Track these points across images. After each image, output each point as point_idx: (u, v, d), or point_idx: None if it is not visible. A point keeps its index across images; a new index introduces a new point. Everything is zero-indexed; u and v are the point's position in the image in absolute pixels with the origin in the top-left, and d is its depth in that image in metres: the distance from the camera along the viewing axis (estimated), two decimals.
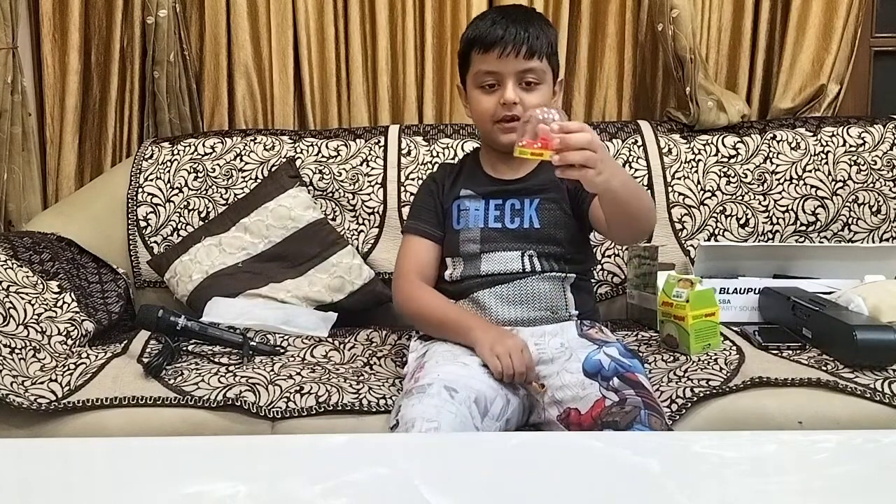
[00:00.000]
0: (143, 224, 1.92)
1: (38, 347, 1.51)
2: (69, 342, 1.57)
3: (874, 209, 1.91)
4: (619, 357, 1.28)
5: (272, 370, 1.45)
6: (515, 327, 1.38)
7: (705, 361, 1.44)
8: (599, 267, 1.83)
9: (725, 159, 1.94)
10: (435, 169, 1.70)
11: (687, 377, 1.39)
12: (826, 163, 1.92)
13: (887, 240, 1.90)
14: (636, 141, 1.96)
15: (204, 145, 1.98)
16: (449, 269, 1.46)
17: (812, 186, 1.91)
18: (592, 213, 1.39)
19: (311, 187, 1.92)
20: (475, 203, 1.45)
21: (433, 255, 1.47)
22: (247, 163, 1.95)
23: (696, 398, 1.32)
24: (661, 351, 1.53)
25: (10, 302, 1.55)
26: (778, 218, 1.90)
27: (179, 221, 1.92)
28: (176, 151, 1.98)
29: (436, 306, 1.41)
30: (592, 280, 1.60)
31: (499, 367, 1.25)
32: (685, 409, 1.31)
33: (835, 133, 1.95)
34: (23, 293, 1.59)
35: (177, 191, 1.93)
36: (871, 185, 1.91)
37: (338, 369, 1.49)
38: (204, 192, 1.93)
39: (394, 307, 1.52)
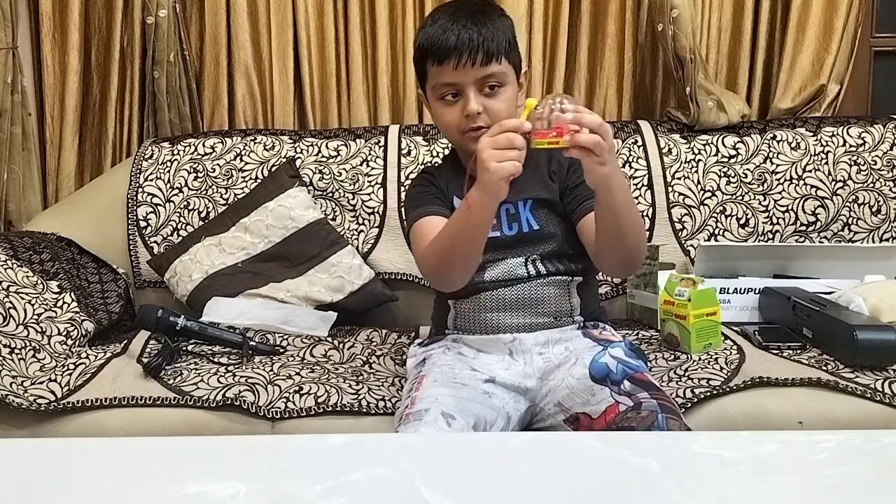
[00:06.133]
0: (143, 224, 1.92)
1: (37, 347, 1.51)
2: (69, 342, 1.57)
3: (874, 209, 1.91)
4: (626, 358, 1.26)
5: (272, 370, 1.45)
6: (517, 334, 1.33)
7: (706, 360, 1.44)
8: None
9: (725, 159, 1.94)
10: (418, 173, 1.51)
11: (688, 376, 1.39)
12: (826, 163, 1.92)
13: (887, 240, 1.90)
14: (636, 141, 1.96)
15: (204, 145, 1.98)
16: None
17: (812, 186, 1.91)
18: (582, 228, 1.32)
19: (311, 187, 1.92)
20: None
21: None
22: (247, 163, 1.95)
23: (696, 399, 1.32)
24: (662, 350, 1.53)
25: (10, 302, 1.55)
26: (778, 218, 1.90)
27: (179, 221, 1.92)
28: (176, 151, 1.98)
29: (439, 234, 1.27)
30: (598, 277, 1.54)
31: (496, 158, 1.11)
32: (685, 409, 1.31)
33: (835, 133, 1.95)
34: (23, 293, 1.59)
35: (177, 191, 1.93)
36: (871, 185, 1.91)
37: (337, 369, 1.49)
38: (204, 192, 1.93)
39: (434, 287, 1.38)
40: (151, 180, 1.95)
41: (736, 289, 1.69)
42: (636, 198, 1.90)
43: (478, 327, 1.35)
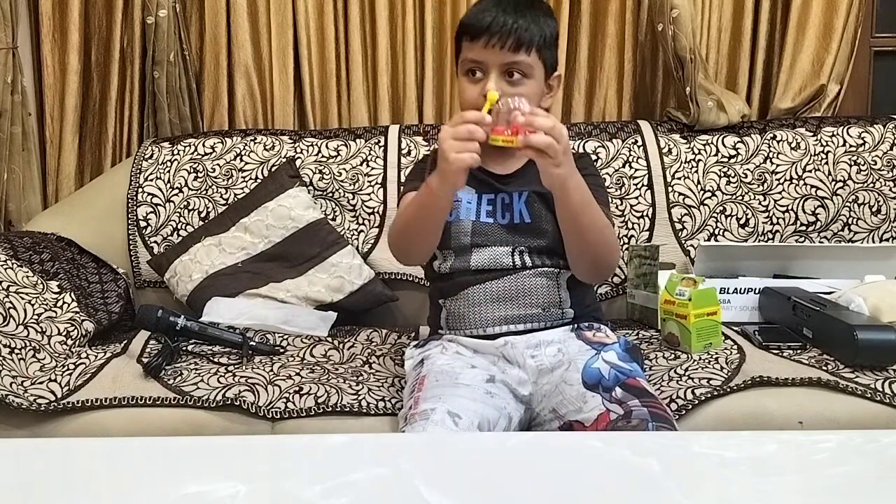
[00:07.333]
0: (143, 224, 1.92)
1: (37, 347, 1.51)
2: (69, 342, 1.57)
3: (874, 209, 1.91)
4: (619, 362, 1.26)
5: (272, 370, 1.45)
6: (509, 338, 1.32)
7: (706, 360, 1.44)
8: None
9: (725, 159, 1.94)
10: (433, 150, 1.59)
11: (688, 376, 1.39)
12: (826, 163, 1.92)
13: (887, 240, 1.90)
14: (636, 141, 1.96)
15: (204, 145, 1.98)
16: (438, 259, 1.39)
17: (812, 186, 1.91)
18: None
19: (311, 187, 1.92)
20: (468, 195, 1.37)
21: None
22: (247, 163, 1.95)
23: (696, 401, 1.32)
24: (662, 349, 1.53)
25: (10, 302, 1.55)
26: (778, 218, 1.90)
27: (179, 221, 1.92)
28: (176, 151, 1.98)
29: (404, 209, 1.34)
30: None
31: (455, 148, 1.15)
32: (685, 411, 1.31)
33: (835, 133, 1.95)
34: (23, 293, 1.59)
35: (177, 191, 1.93)
36: (871, 185, 1.91)
37: (337, 369, 1.49)
38: (204, 192, 1.93)
39: (395, 258, 1.40)
40: (151, 180, 1.95)
41: (736, 289, 1.69)
42: (636, 198, 1.91)
43: (468, 323, 1.35)
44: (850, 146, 1.94)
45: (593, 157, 1.93)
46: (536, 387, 1.29)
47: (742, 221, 1.90)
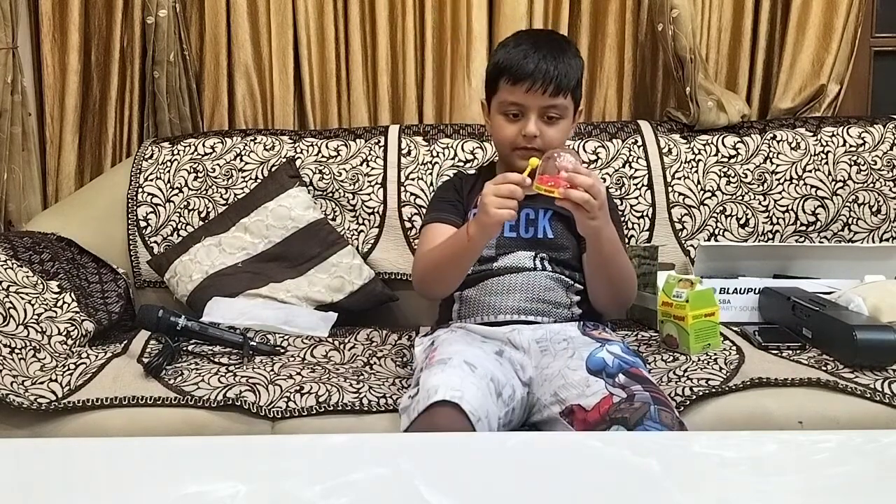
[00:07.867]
0: (143, 224, 1.92)
1: (38, 347, 1.51)
2: (69, 342, 1.57)
3: (874, 209, 1.91)
4: (623, 354, 1.30)
5: (272, 370, 1.45)
6: (516, 325, 1.40)
7: (705, 361, 1.44)
8: None
9: (725, 159, 1.94)
10: (451, 175, 1.77)
11: (687, 377, 1.39)
12: (826, 163, 1.92)
13: (887, 240, 1.90)
14: (636, 141, 1.96)
15: (204, 145, 1.98)
16: None
17: (812, 186, 1.91)
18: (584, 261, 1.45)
19: (311, 187, 1.92)
20: None
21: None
22: (247, 163, 1.95)
23: (695, 397, 1.32)
24: (660, 351, 1.53)
25: (10, 302, 1.55)
26: (778, 218, 1.90)
27: (179, 221, 1.92)
28: (176, 151, 1.98)
29: (436, 247, 1.43)
30: None
31: (496, 204, 1.25)
32: (683, 408, 1.31)
33: (835, 133, 1.95)
34: (23, 293, 1.59)
35: (177, 191, 1.93)
36: (871, 185, 1.91)
37: (338, 369, 1.49)
38: (204, 192, 1.93)
39: (416, 290, 1.52)
40: (151, 180, 1.95)
41: (736, 289, 1.69)
42: (636, 198, 1.91)
43: (480, 310, 1.44)
44: (850, 146, 1.94)
45: (593, 157, 1.94)
46: (538, 371, 1.34)
47: (742, 221, 1.90)
